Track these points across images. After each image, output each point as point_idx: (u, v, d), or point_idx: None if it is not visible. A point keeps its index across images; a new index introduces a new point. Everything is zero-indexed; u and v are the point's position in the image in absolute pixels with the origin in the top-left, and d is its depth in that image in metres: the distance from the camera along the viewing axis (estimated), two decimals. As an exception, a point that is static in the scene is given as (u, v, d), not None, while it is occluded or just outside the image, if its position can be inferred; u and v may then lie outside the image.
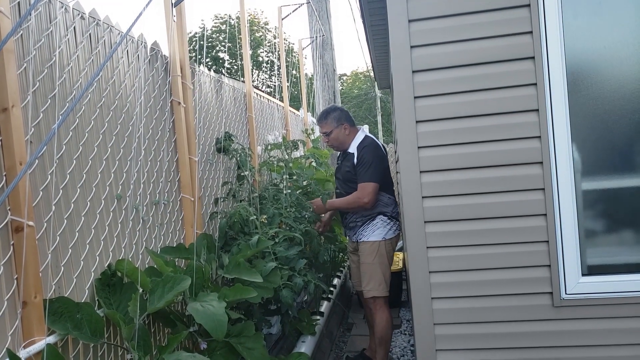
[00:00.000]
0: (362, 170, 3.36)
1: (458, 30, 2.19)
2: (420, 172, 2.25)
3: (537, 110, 2.16)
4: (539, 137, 2.16)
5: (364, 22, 3.71)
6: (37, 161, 1.79)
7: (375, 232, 3.41)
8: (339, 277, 5.17)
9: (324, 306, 4.32)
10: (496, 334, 2.25)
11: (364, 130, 3.62)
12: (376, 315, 3.45)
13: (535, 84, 2.15)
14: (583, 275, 2.18)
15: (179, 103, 2.85)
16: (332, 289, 4.33)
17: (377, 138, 3.65)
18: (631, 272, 2.17)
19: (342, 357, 4.04)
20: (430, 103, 2.23)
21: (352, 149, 3.48)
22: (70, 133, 1.99)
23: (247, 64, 4.30)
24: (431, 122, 2.24)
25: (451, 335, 2.28)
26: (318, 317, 3.90)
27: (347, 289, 5.78)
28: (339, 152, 3.71)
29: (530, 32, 2.15)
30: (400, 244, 7.21)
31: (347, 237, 3.71)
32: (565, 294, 2.18)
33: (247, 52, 4.37)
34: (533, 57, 2.15)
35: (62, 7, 2.01)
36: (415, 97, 2.24)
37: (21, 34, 1.77)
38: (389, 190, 3.50)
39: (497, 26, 2.17)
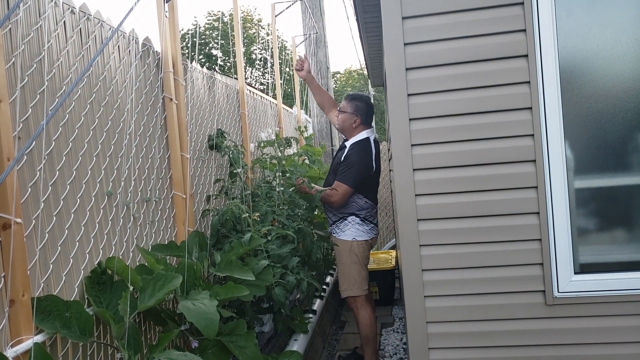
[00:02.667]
0: (343, 169, 3.40)
1: (452, 27, 2.18)
2: (414, 169, 2.24)
3: (530, 108, 2.15)
4: (532, 135, 2.16)
5: (357, 19, 3.70)
6: (25, 157, 1.76)
7: (346, 231, 3.46)
8: (332, 274, 5.16)
9: (317, 304, 4.31)
10: (489, 332, 2.25)
11: (372, 132, 3.61)
12: (358, 315, 3.49)
13: (529, 82, 2.15)
14: (575, 273, 2.18)
15: (171, 99, 2.83)
16: (325, 287, 4.32)
17: (376, 140, 3.66)
18: (623, 270, 2.17)
19: (335, 356, 4.03)
20: (424, 101, 2.23)
21: (349, 143, 3.52)
22: (60, 129, 1.96)
23: (240, 60, 4.28)
24: (424, 119, 2.23)
25: (444, 334, 2.28)
26: (311, 315, 3.89)
27: (339, 287, 5.76)
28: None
29: (524, 30, 2.14)
30: (392, 241, 7.23)
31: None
32: (558, 292, 2.18)
33: (240, 49, 4.35)
34: (526, 55, 2.15)
35: (52, 1, 1.98)
36: (408, 95, 2.23)
37: (9, 28, 1.75)
38: (368, 194, 3.51)
39: (490, 24, 2.16)
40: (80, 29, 2.15)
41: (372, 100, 3.71)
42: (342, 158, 3.46)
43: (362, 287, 3.46)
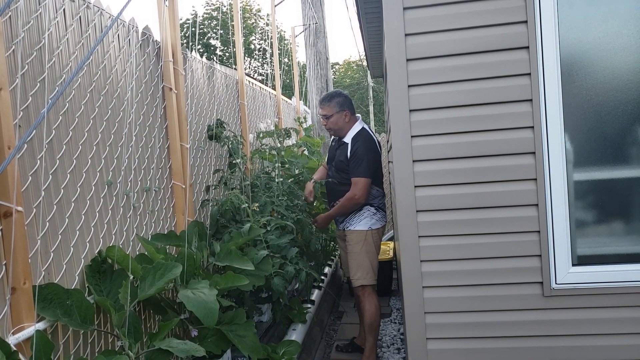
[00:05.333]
0: (355, 165, 3.38)
1: (453, 18, 2.18)
2: (413, 161, 2.24)
3: (531, 100, 2.16)
4: (532, 127, 2.16)
5: (357, 10, 3.69)
6: (25, 146, 1.76)
7: (362, 221, 3.46)
8: (330, 265, 5.19)
9: (315, 294, 4.33)
10: (486, 323, 2.26)
11: (361, 121, 3.62)
12: (365, 303, 3.50)
13: (529, 74, 2.15)
14: (573, 265, 2.20)
15: (171, 89, 2.82)
16: (323, 277, 4.34)
17: (369, 127, 3.65)
18: (621, 262, 2.19)
19: (333, 346, 4.06)
20: (424, 92, 2.22)
21: (348, 138, 3.49)
22: (60, 117, 1.96)
23: (240, 51, 4.26)
24: (424, 111, 2.23)
25: (441, 324, 2.29)
26: (309, 305, 3.92)
27: (338, 278, 5.80)
28: (333, 139, 3.73)
29: (525, 22, 2.14)
30: (391, 233, 7.25)
31: (336, 225, 3.75)
32: (556, 283, 2.20)
33: (239, 39, 4.33)
34: (527, 47, 2.14)
35: (52, -12, 1.97)
36: (409, 86, 2.22)
37: (9, 16, 1.74)
38: (378, 183, 3.55)
39: (492, 15, 2.15)
40: (80, 17, 2.14)
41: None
42: (349, 155, 3.44)
43: (375, 275, 3.51)
